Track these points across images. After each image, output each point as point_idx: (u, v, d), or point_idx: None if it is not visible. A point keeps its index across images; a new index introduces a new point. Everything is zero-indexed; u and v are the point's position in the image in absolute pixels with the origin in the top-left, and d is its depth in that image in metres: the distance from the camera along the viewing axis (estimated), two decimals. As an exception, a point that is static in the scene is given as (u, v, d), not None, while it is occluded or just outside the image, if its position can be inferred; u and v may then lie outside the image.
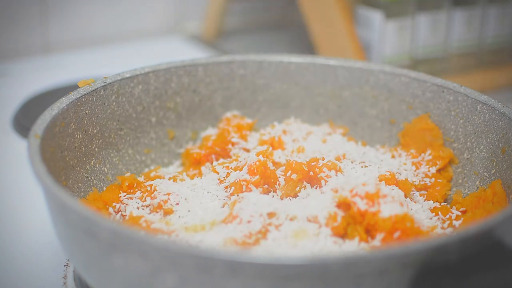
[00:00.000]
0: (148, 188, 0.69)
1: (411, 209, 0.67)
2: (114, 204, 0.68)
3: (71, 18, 1.21)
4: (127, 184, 0.70)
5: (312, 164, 0.68)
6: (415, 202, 0.70)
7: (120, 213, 0.67)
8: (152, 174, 0.74)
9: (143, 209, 0.67)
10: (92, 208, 0.62)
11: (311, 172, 0.68)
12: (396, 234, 0.59)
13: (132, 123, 0.76)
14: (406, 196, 0.69)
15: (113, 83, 0.73)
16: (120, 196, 0.69)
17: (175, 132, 0.79)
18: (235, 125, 0.77)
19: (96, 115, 0.72)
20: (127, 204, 0.68)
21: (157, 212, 0.67)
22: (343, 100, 0.80)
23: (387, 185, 0.67)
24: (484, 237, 0.51)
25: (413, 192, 0.71)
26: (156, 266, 0.50)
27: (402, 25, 1.02)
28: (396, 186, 0.68)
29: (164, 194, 0.67)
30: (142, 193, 0.69)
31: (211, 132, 0.78)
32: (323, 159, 0.69)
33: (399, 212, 0.60)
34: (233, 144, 0.76)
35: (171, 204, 0.66)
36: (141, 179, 0.73)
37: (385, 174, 0.69)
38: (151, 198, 0.68)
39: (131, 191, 0.70)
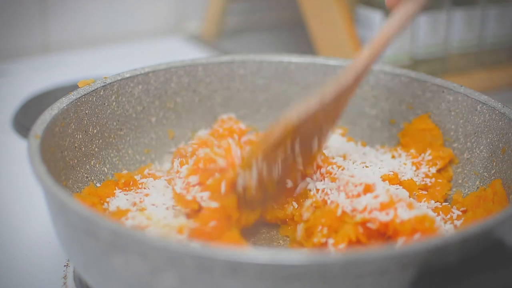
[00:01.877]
0: (140, 186, 0.70)
1: None
2: (108, 199, 0.68)
3: (71, 18, 1.21)
4: (123, 181, 0.70)
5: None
6: (420, 202, 0.69)
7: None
8: (145, 172, 0.73)
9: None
10: (92, 208, 0.62)
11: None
12: (417, 236, 0.59)
13: (132, 123, 0.76)
14: (410, 196, 0.68)
15: (113, 83, 0.73)
16: (115, 192, 0.69)
17: (175, 132, 0.79)
18: (227, 128, 0.77)
19: (96, 115, 0.72)
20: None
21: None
22: (343, 100, 0.80)
23: (391, 185, 0.67)
24: (484, 237, 0.51)
25: (414, 192, 0.71)
26: (156, 266, 0.50)
27: (402, 25, 1.01)
28: (400, 186, 0.68)
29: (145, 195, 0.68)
30: (135, 191, 0.70)
31: (205, 132, 0.78)
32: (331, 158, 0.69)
33: (417, 213, 0.60)
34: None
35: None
36: (137, 177, 0.72)
37: (389, 174, 0.68)
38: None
39: (126, 188, 0.70)
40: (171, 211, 0.66)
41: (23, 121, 0.96)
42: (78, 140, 0.69)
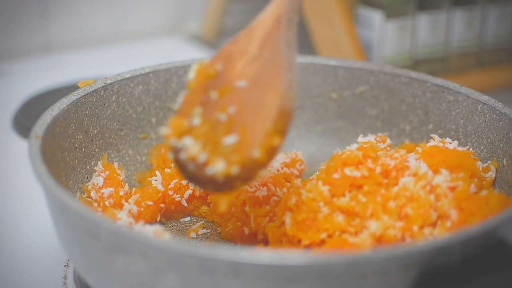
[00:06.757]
0: None
1: None
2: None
3: (71, 18, 1.21)
4: None
5: None
6: None
7: None
8: None
9: None
10: (93, 209, 0.62)
11: None
12: None
13: (132, 123, 0.76)
14: None
15: (113, 84, 0.73)
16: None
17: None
18: None
19: (97, 116, 0.72)
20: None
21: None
22: (343, 100, 0.80)
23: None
24: (487, 237, 0.51)
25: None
26: (158, 266, 0.50)
27: (402, 25, 1.02)
28: None
29: None
30: None
31: None
32: None
33: None
34: None
35: None
36: None
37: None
38: None
39: None
40: None
41: (23, 121, 0.96)
42: (79, 141, 0.69)
